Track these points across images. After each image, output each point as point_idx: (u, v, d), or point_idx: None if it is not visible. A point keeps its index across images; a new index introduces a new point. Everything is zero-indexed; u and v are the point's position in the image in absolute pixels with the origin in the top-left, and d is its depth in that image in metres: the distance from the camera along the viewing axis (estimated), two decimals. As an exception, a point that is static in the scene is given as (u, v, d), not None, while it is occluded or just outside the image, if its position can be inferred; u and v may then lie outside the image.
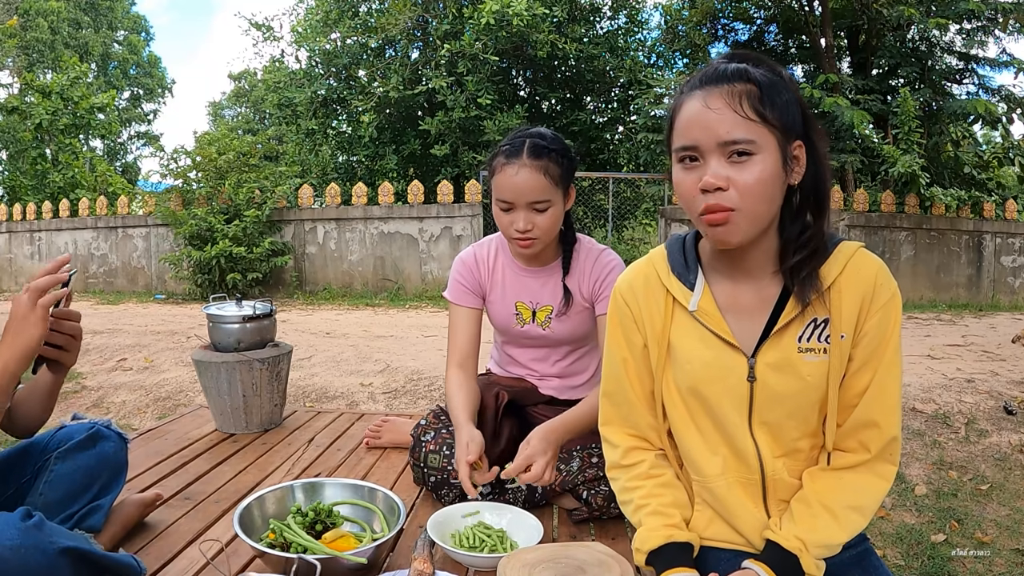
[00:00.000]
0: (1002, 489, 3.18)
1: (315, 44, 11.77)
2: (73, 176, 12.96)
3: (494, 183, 1.59)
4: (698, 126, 0.96)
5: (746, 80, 0.95)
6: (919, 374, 4.51)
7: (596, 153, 12.36)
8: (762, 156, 0.95)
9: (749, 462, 1.07)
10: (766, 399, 1.04)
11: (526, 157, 1.54)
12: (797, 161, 0.99)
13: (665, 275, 1.11)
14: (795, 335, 1.03)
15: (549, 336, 1.75)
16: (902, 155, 9.12)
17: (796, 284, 1.01)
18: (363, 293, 9.47)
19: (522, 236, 1.58)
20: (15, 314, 1.14)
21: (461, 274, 1.77)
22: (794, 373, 1.03)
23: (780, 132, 0.96)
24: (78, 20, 25.61)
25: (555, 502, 1.67)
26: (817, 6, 11.13)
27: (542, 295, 1.73)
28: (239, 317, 2.25)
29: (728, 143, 0.94)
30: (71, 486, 1.33)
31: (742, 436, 1.07)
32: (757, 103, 0.94)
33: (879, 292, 1.02)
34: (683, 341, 1.09)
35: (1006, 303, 9.62)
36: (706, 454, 1.10)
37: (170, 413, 3.86)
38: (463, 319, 1.76)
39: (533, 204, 1.56)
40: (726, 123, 0.94)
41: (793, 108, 0.98)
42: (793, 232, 1.02)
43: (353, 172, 12.50)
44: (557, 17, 10.54)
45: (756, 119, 0.94)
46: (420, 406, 3.99)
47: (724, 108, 0.94)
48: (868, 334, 1.02)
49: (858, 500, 1.03)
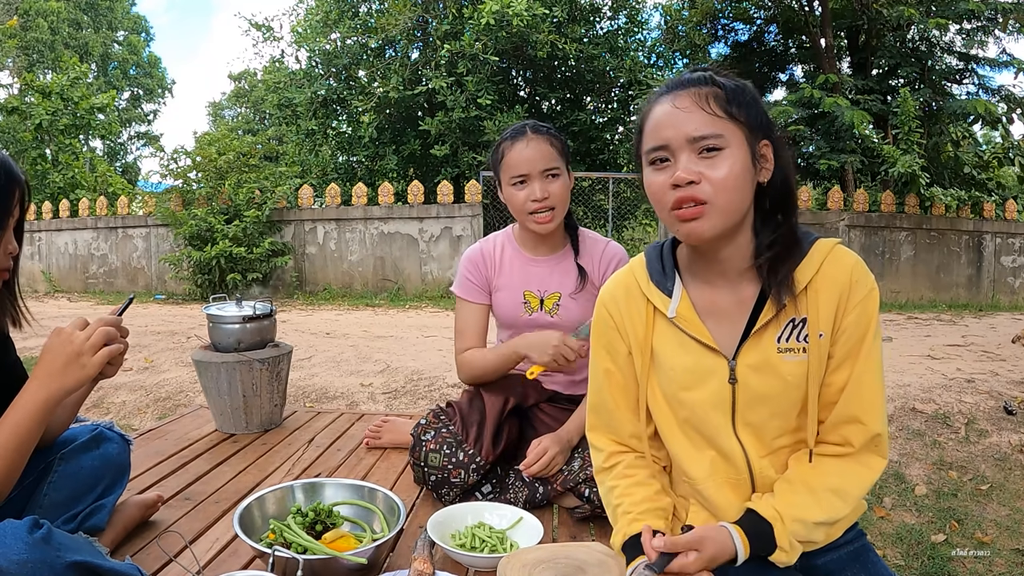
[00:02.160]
0: (1002, 489, 3.18)
1: (315, 44, 11.77)
2: (73, 176, 12.95)
3: (504, 164, 1.69)
4: (667, 125, 0.99)
5: (711, 84, 0.99)
6: (919, 374, 4.51)
7: (596, 153, 12.35)
8: (731, 151, 0.97)
9: (736, 463, 1.08)
10: (748, 400, 1.06)
11: (531, 133, 1.68)
12: (765, 159, 1.02)
13: (644, 284, 1.13)
14: (774, 336, 1.04)
15: (556, 324, 1.76)
16: (902, 155, 9.12)
17: (773, 286, 1.02)
18: (363, 293, 9.47)
19: (541, 205, 1.66)
20: (70, 350, 1.12)
21: (469, 271, 1.82)
22: (774, 374, 1.04)
23: (747, 129, 0.99)
24: (78, 20, 25.62)
25: (556, 502, 1.67)
26: (817, 6, 11.13)
27: (550, 282, 1.77)
28: (239, 317, 2.25)
29: (697, 139, 0.97)
30: (75, 487, 1.33)
31: (727, 438, 1.08)
32: (723, 102, 0.98)
33: (855, 289, 1.03)
34: (665, 348, 1.10)
35: (1006, 303, 9.62)
36: (694, 457, 1.11)
37: (170, 413, 3.86)
38: (472, 314, 1.82)
39: (546, 171, 1.66)
40: (695, 120, 0.97)
41: (758, 110, 1.01)
42: (766, 231, 1.04)
43: (353, 172, 12.49)
44: (557, 17, 10.54)
45: (723, 116, 0.97)
46: (420, 406, 3.99)
47: (692, 107, 0.98)
48: (846, 331, 1.03)
49: (840, 484, 1.04)
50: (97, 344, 1.13)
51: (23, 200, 1.17)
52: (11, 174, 1.14)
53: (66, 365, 1.11)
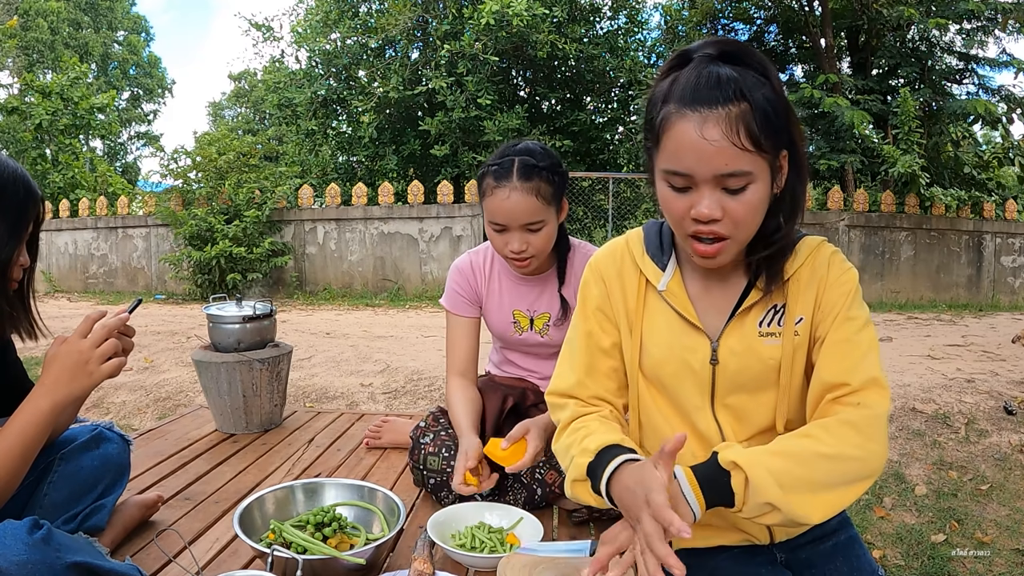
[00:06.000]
0: (1002, 489, 3.18)
1: (315, 44, 11.76)
2: (73, 176, 12.95)
3: (485, 205, 1.57)
4: (693, 156, 0.92)
5: (741, 97, 0.90)
6: (919, 374, 4.51)
7: (596, 153, 12.36)
8: (755, 185, 0.94)
9: (712, 442, 1.08)
10: (727, 381, 1.06)
11: (516, 180, 1.51)
12: (782, 170, 0.98)
13: (639, 255, 1.13)
14: (756, 320, 1.05)
15: (548, 343, 1.76)
16: (902, 155, 9.12)
17: (764, 280, 1.04)
18: (363, 293, 9.47)
19: (517, 256, 1.58)
20: (77, 358, 1.12)
21: (457, 283, 1.77)
22: (755, 356, 1.05)
23: (772, 153, 0.94)
24: (78, 20, 25.63)
25: (555, 503, 1.67)
26: (817, 6, 11.13)
27: (539, 303, 1.74)
28: (239, 317, 2.25)
29: (725, 176, 0.92)
30: (75, 487, 1.33)
31: (705, 419, 1.08)
32: (754, 128, 0.90)
33: (832, 270, 1.05)
34: (652, 322, 1.11)
35: (1006, 303, 9.62)
36: (668, 433, 1.09)
37: (170, 413, 3.86)
38: (462, 329, 1.77)
39: (527, 226, 1.55)
40: (725, 156, 0.91)
41: (783, 117, 0.94)
42: (766, 230, 1.02)
43: (353, 172, 12.49)
44: (557, 17, 10.54)
45: (753, 149, 0.91)
46: (420, 406, 3.99)
47: (721, 139, 0.90)
48: (823, 309, 1.04)
49: (840, 422, 0.96)
50: (106, 353, 1.14)
51: (38, 215, 1.20)
52: (29, 189, 1.17)
53: (73, 373, 1.12)
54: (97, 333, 1.14)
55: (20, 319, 1.24)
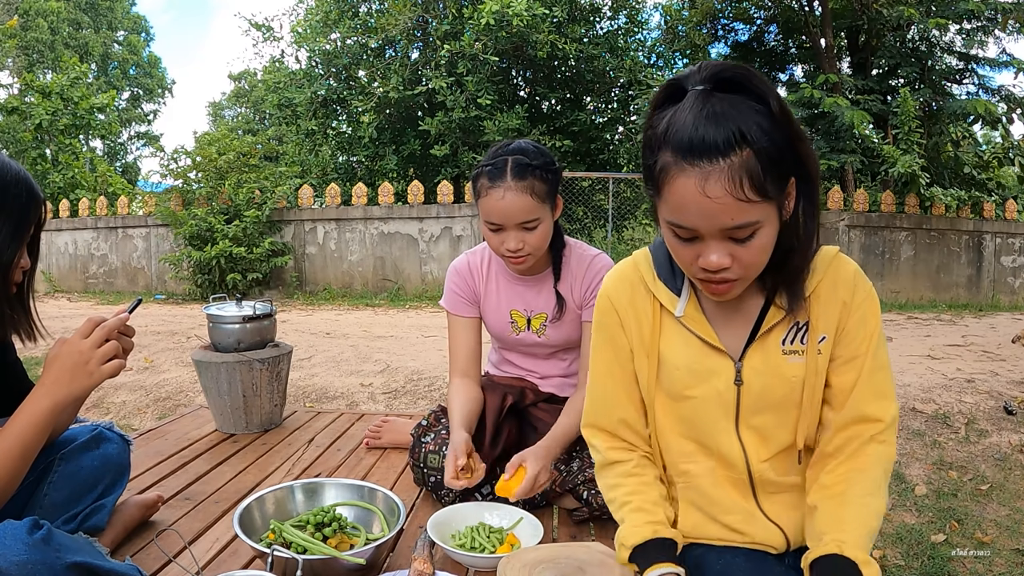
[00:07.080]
0: (1002, 489, 3.17)
1: (315, 44, 11.76)
2: (73, 176, 12.94)
3: (480, 205, 1.58)
4: (696, 214, 0.89)
5: (742, 142, 0.85)
6: (919, 374, 4.51)
7: (596, 153, 12.35)
8: (764, 229, 0.91)
9: (735, 464, 1.08)
10: (753, 402, 1.06)
11: (510, 179, 1.52)
12: (789, 197, 0.94)
13: (651, 280, 1.11)
14: (779, 339, 1.05)
15: (545, 343, 1.77)
16: (902, 155, 9.12)
17: (785, 297, 1.03)
18: (363, 293, 9.47)
19: (513, 255, 1.59)
20: (78, 359, 1.12)
21: (456, 284, 1.78)
22: (779, 375, 1.04)
23: (779, 194, 0.90)
24: (78, 20, 25.62)
25: (555, 502, 1.67)
26: (817, 6, 11.13)
27: (536, 303, 1.74)
28: (239, 317, 2.25)
29: (732, 228, 0.89)
30: (75, 487, 1.33)
31: (728, 440, 1.08)
32: (758, 176, 0.86)
33: (857, 292, 1.04)
34: (670, 346, 1.10)
35: (1006, 303, 9.62)
36: (692, 457, 1.11)
37: (170, 413, 3.86)
38: (462, 329, 1.78)
39: (522, 224, 1.55)
40: (729, 212, 0.87)
41: (787, 151, 0.89)
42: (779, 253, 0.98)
43: (353, 172, 12.49)
44: (557, 17, 10.54)
45: (758, 199, 0.87)
46: (420, 406, 3.99)
47: (725, 196, 0.86)
48: (850, 332, 1.04)
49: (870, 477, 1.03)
50: (107, 354, 1.14)
51: (40, 217, 1.20)
52: (32, 192, 1.17)
53: (74, 373, 1.12)
54: (97, 334, 1.14)
55: (20, 321, 1.24)
